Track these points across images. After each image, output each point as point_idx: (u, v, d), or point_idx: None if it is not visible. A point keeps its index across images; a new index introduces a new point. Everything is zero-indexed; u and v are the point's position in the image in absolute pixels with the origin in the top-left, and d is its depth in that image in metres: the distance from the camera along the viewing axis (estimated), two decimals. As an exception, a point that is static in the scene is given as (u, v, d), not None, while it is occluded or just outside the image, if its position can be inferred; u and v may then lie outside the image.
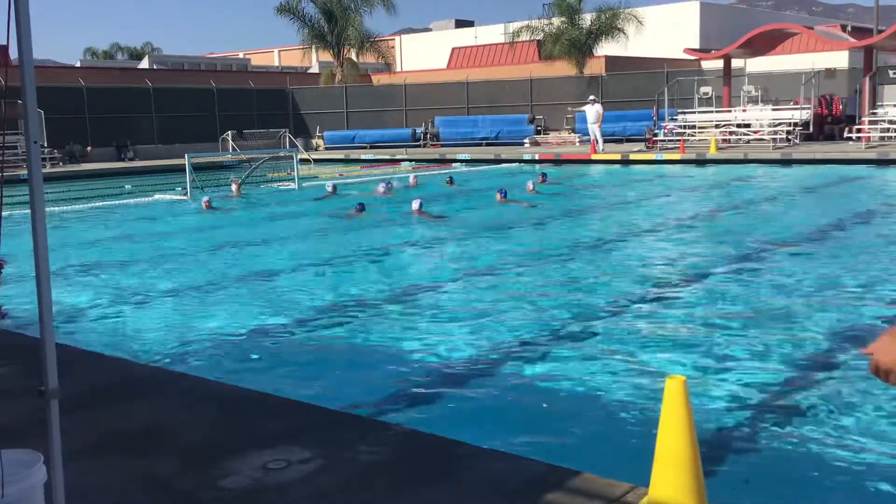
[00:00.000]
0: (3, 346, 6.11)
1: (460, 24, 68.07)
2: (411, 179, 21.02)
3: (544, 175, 20.43)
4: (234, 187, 20.11)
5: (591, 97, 28.81)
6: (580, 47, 36.05)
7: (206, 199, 17.46)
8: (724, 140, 26.94)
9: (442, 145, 34.49)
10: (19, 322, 7.71)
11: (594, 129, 27.27)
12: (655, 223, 13.91)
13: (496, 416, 5.32)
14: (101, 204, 19.14)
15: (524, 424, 5.20)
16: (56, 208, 17.76)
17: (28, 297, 8.36)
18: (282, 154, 26.70)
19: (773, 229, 12.63)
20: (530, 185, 18.17)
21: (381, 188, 19.03)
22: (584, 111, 28.70)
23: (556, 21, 37.17)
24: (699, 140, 27.17)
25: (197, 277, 10.24)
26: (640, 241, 12.16)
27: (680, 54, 36.24)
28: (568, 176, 22.81)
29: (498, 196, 16.52)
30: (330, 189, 19.18)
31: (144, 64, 49.56)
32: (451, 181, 21.00)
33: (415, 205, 15.07)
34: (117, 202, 19.47)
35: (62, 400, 2.78)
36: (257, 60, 63.53)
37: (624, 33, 35.93)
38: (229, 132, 32.68)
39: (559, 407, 5.48)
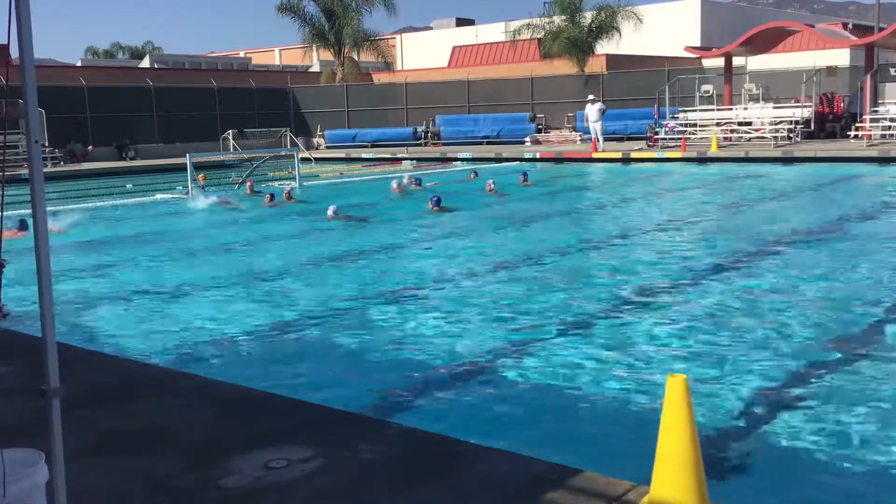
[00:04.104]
0: (4, 346, 6.11)
1: (461, 22, 68.00)
2: (405, 180, 19.98)
3: (525, 174, 20.28)
4: (247, 185, 20.13)
5: (591, 96, 28.78)
6: (581, 45, 36.00)
7: (269, 193, 17.96)
8: (726, 138, 26.93)
9: (443, 144, 34.49)
10: (20, 322, 7.71)
11: (595, 128, 27.25)
12: (652, 222, 13.90)
13: (496, 415, 5.32)
14: (101, 203, 19.13)
15: (525, 423, 5.20)
16: (56, 208, 17.75)
17: (29, 296, 8.37)
18: (283, 153, 26.72)
19: (774, 227, 12.62)
20: (489, 186, 17.83)
21: (394, 185, 19.17)
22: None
23: (557, 19, 37.12)
24: (700, 138, 27.17)
25: (197, 277, 10.24)
26: (640, 241, 12.15)
27: (681, 52, 36.17)
28: (551, 176, 22.75)
29: (430, 204, 15.57)
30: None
31: (145, 63, 49.56)
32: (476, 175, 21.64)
33: (330, 211, 14.75)
34: (118, 202, 19.46)
35: (63, 400, 2.78)
36: (258, 59, 63.53)
37: (619, 32, 35.85)
38: (230, 131, 32.71)
39: (560, 406, 5.48)
